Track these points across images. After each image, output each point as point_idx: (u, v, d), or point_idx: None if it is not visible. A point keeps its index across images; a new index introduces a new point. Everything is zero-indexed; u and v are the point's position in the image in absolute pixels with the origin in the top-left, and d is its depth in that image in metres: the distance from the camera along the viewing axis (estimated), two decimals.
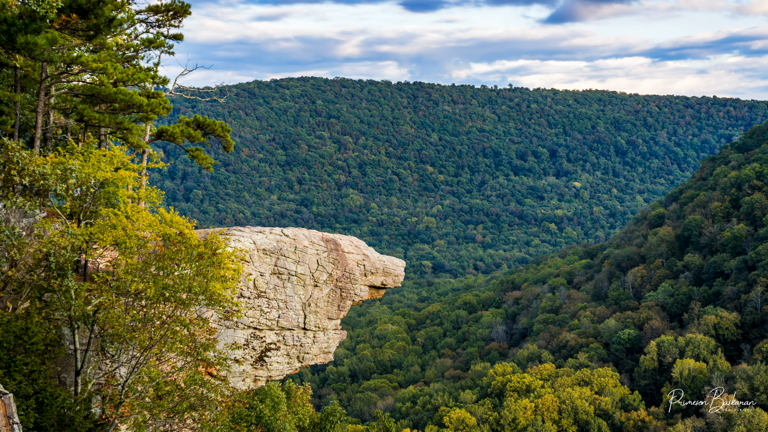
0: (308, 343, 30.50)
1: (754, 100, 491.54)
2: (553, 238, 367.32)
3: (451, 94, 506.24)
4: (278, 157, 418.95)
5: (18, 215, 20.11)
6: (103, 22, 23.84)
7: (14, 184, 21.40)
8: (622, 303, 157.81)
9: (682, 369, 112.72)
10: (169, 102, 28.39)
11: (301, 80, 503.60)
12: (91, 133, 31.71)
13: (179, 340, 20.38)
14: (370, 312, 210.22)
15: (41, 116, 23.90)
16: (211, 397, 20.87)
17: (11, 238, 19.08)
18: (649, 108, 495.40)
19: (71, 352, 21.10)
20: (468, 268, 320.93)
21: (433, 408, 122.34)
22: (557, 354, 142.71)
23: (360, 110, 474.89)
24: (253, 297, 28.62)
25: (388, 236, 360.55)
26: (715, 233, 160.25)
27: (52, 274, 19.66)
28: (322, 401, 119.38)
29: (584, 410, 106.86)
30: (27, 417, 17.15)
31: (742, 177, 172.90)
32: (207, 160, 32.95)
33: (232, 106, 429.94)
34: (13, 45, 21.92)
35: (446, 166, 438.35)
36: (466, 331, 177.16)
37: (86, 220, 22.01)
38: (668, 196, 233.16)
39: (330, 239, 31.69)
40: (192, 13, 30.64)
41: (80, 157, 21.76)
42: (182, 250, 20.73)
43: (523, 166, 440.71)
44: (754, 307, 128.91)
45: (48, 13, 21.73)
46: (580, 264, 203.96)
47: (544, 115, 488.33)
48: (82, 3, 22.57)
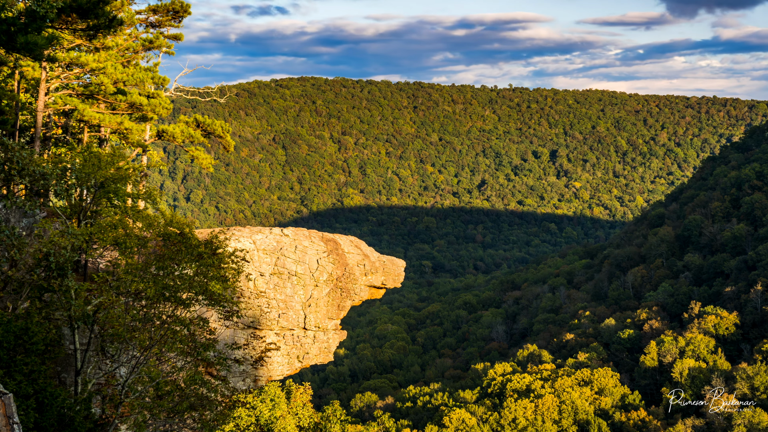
0: (308, 343, 30.49)
1: (754, 100, 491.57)
2: (553, 238, 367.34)
3: (451, 94, 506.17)
4: (278, 157, 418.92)
5: (18, 215, 20.10)
6: (103, 22, 23.84)
7: (14, 184, 21.40)
8: (622, 303, 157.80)
9: (682, 369, 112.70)
10: (169, 102, 28.38)
11: (301, 80, 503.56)
12: (91, 133, 31.71)
13: (179, 340, 20.38)
14: (370, 312, 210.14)
15: (41, 116, 23.89)
16: (211, 397, 20.87)
17: (11, 238, 19.07)
18: (649, 108, 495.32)
19: (71, 352, 21.09)
20: (468, 268, 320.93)
21: (433, 408, 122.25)
22: (557, 354, 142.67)
23: (360, 110, 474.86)
24: (253, 297, 28.62)
25: (388, 236, 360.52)
26: (715, 233, 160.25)
27: (52, 274, 19.64)
28: (322, 401, 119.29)
29: (584, 410, 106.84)
30: (27, 417, 17.14)
31: (742, 177, 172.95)
32: (207, 160, 32.94)
33: (232, 106, 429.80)
34: (13, 45, 21.91)
35: (446, 166, 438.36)
36: (466, 331, 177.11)
37: (86, 220, 22.00)
38: (668, 196, 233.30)
39: (330, 239, 31.68)
40: (192, 12, 30.64)
41: (80, 157, 21.74)
42: (182, 250, 20.73)
43: (523, 166, 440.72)
44: (754, 307, 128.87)
45: (48, 13, 21.73)
46: (580, 264, 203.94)
47: (544, 115, 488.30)
48: (82, 3, 22.57)
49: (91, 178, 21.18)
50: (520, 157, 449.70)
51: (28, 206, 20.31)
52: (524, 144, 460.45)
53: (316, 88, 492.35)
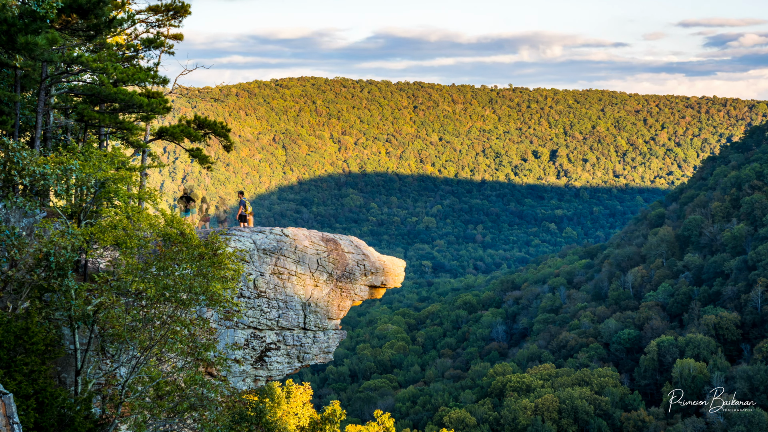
0: (308, 343, 30.49)
1: (754, 100, 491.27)
2: (553, 238, 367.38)
3: (451, 94, 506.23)
4: (278, 157, 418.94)
5: (18, 215, 20.09)
6: (103, 22, 23.84)
7: (14, 184, 21.40)
8: (622, 303, 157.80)
9: (682, 369, 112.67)
10: (169, 102, 28.38)
11: (301, 80, 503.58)
12: (92, 132, 31.71)
13: (179, 341, 20.37)
14: (370, 312, 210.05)
15: (41, 116, 23.89)
16: (211, 398, 20.87)
17: (11, 238, 19.06)
18: (649, 108, 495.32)
19: (71, 352, 21.09)
20: (468, 268, 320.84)
21: (433, 408, 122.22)
22: (557, 354, 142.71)
23: (360, 110, 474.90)
24: (253, 297, 28.63)
25: (388, 236, 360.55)
26: (715, 233, 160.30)
27: (52, 274, 19.63)
28: (322, 401, 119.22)
29: (584, 410, 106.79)
30: (27, 417, 17.14)
31: (742, 177, 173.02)
32: (207, 159, 32.92)
33: (232, 106, 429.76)
34: (13, 45, 21.91)
35: (446, 166, 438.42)
36: (466, 331, 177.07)
37: (86, 220, 21.99)
38: (668, 196, 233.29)
39: (330, 239, 31.68)
40: (192, 12, 30.63)
41: (81, 157, 21.73)
42: (183, 250, 20.73)
43: (523, 166, 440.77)
44: (754, 307, 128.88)
45: (48, 13, 21.73)
46: (580, 264, 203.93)
47: (544, 115, 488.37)
48: (82, 3, 22.56)
49: (92, 178, 21.17)
50: (520, 157, 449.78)
51: (28, 206, 20.30)
52: (524, 144, 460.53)
53: (316, 88, 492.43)
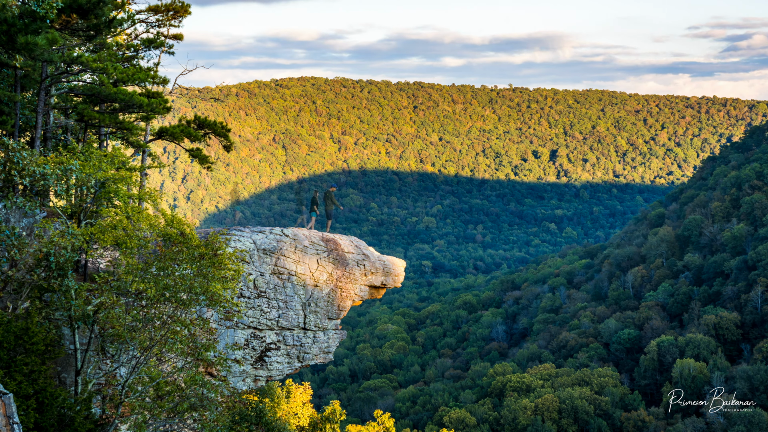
0: (308, 343, 30.50)
1: (754, 100, 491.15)
2: (553, 238, 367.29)
3: (451, 94, 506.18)
4: (278, 157, 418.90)
5: (18, 215, 20.09)
6: (103, 22, 23.83)
7: (14, 184, 21.39)
8: (622, 303, 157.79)
9: (682, 369, 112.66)
10: (169, 102, 28.37)
11: (301, 80, 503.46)
12: (92, 132, 31.71)
13: (180, 341, 20.37)
14: (370, 312, 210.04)
15: (41, 116, 23.89)
16: (211, 398, 20.87)
17: (11, 238, 19.06)
18: (649, 108, 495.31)
19: (71, 352, 21.09)
20: (468, 268, 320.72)
21: (433, 408, 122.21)
22: (557, 354, 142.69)
23: (360, 110, 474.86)
24: (253, 297, 28.63)
25: (388, 236, 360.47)
26: (715, 233, 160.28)
27: (52, 274, 19.63)
28: (322, 401, 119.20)
29: (584, 410, 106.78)
30: (27, 417, 17.14)
31: (742, 177, 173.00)
32: (207, 159, 32.90)
33: (232, 106, 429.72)
34: (13, 45, 21.92)
35: (446, 166, 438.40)
36: (466, 331, 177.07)
37: (86, 220, 21.99)
38: (668, 196, 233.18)
39: (330, 239, 31.69)
40: (192, 12, 30.60)
41: (81, 157, 21.73)
42: (183, 250, 20.73)
43: (523, 166, 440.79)
44: (754, 307, 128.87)
45: (48, 13, 21.72)
46: (580, 264, 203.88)
47: (544, 115, 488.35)
48: (82, 3, 22.56)
49: (92, 178, 21.17)
50: (520, 157, 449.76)
51: (28, 206, 20.30)
52: (524, 144, 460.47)
53: (316, 88, 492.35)
